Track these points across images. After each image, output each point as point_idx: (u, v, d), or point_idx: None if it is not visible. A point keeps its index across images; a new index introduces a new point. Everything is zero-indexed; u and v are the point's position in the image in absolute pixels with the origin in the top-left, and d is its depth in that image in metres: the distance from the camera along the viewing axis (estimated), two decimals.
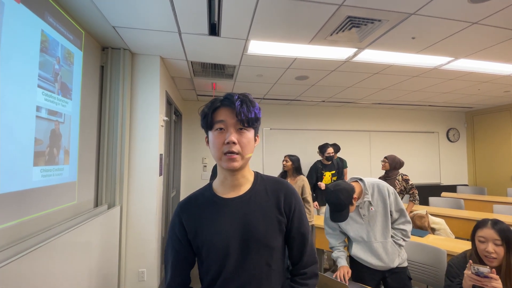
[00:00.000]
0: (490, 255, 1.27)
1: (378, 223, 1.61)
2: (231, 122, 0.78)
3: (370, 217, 1.62)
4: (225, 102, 0.80)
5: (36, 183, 1.46)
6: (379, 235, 1.61)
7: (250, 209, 0.83)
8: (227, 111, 0.79)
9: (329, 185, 1.61)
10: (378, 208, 1.62)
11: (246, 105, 0.79)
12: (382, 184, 1.65)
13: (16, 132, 1.31)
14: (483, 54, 2.56)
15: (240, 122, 0.78)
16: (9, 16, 1.26)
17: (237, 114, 0.78)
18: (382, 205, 1.62)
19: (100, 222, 1.94)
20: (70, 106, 1.81)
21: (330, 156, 3.62)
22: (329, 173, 3.61)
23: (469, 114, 5.82)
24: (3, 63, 1.22)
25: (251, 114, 0.79)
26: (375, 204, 1.62)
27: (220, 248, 0.80)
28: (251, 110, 0.80)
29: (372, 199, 1.61)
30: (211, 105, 0.82)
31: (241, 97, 0.80)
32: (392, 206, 1.62)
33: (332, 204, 1.53)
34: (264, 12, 1.83)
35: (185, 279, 0.87)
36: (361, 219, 1.63)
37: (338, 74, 3.17)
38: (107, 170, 2.29)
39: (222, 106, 0.80)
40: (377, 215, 1.62)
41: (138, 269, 2.44)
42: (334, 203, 1.51)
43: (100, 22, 1.94)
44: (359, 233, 1.64)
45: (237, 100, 0.78)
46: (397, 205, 1.64)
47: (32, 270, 1.20)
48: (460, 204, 3.69)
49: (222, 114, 0.79)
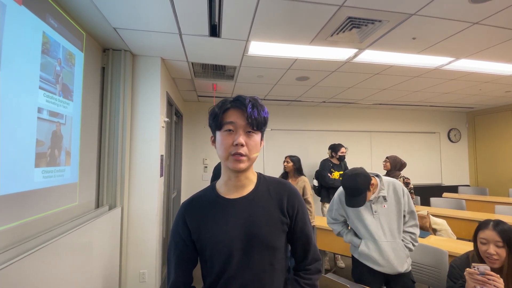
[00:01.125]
0: (491, 257, 1.26)
1: (389, 222, 1.59)
2: (241, 124, 0.79)
3: (382, 214, 1.60)
4: (236, 104, 0.81)
5: (37, 184, 1.46)
6: (389, 235, 1.59)
7: (253, 210, 0.83)
8: (238, 113, 0.80)
9: (346, 171, 1.62)
10: (391, 207, 1.60)
11: (257, 109, 0.80)
12: (398, 184, 1.65)
13: (18, 133, 1.31)
14: (484, 54, 2.55)
15: (249, 125, 0.79)
16: (11, 18, 1.27)
17: (248, 117, 0.79)
18: (395, 204, 1.60)
19: (101, 223, 1.94)
20: (71, 107, 1.81)
21: (343, 155, 3.65)
22: (338, 173, 3.62)
23: (471, 114, 5.81)
24: (5, 65, 1.23)
25: (261, 117, 0.81)
26: (389, 201, 1.60)
27: (224, 248, 0.80)
28: (261, 114, 0.81)
29: (387, 196, 1.60)
30: (221, 105, 0.82)
31: (252, 100, 0.81)
32: (405, 207, 1.61)
33: (349, 189, 1.52)
34: (265, 13, 1.83)
35: (188, 278, 0.88)
36: (372, 216, 1.61)
37: (338, 74, 3.17)
38: (108, 171, 2.29)
39: (232, 108, 0.81)
40: (389, 213, 1.60)
41: (139, 270, 2.44)
42: (352, 187, 1.51)
43: (101, 23, 1.95)
44: (369, 229, 1.61)
45: (248, 103, 0.79)
46: (409, 207, 1.63)
47: (34, 271, 1.20)
48: (461, 204, 3.68)
49: (233, 115, 0.80)
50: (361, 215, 1.63)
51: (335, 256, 3.44)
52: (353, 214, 1.67)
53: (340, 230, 1.78)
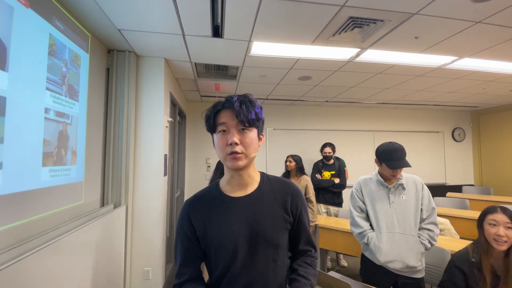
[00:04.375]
0: (500, 239, 1.30)
1: (405, 214, 1.59)
2: (232, 124, 0.80)
3: (399, 205, 1.60)
4: (226, 105, 0.82)
5: (44, 183, 1.49)
6: (403, 227, 1.57)
7: (257, 208, 0.85)
8: (228, 113, 0.81)
9: (383, 143, 1.67)
10: (410, 200, 1.61)
11: (246, 106, 0.81)
12: (418, 179, 1.67)
13: (26, 133, 1.35)
14: (487, 53, 2.54)
15: (241, 123, 0.80)
16: (18, 20, 1.30)
17: (236, 115, 0.80)
18: (414, 196, 1.61)
19: (106, 222, 1.98)
20: (77, 107, 1.85)
21: (327, 156, 3.62)
22: (329, 172, 3.60)
23: (475, 113, 5.76)
24: (13, 66, 1.26)
25: (251, 114, 0.81)
26: (407, 194, 1.61)
27: (229, 246, 0.82)
28: (251, 110, 0.81)
29: (405, 186, 1.62)
30: (213, 108, 0.84)
31: (241, 98, 0.82)
32: (424, 201, 1.61)
33: (395, 150, 1.58)
34: (267, 13, 1.84)
35: (197, 273, 0.89)
36: (388, 206, 1.62)
37: (341, 74, 3.18)
38: (113, 170, 2.33)
39: (223, 109, 0.82)
40: (407, 206, 1.60)
41: (143, 268, 2.47)
42: (396, 148, 1.58)
43: (106, 25, 1.98)
44: (385, 218, 1.61)
45: (236, 102, 0.80)
46: (429, 204, 1.62)
47: (40, 268, 1.23)
48: (465, 204, 3.66)
49: (224, 116, 0.82)
50: (378, 203, 1.64)
51: (337, 256, 3.45)
52: (370, 203, 1.67)
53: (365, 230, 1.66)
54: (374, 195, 1.67)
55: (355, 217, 1.71)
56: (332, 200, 3.50)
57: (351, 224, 1.74)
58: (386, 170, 1.62)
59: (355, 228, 1.70)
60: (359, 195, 1.73)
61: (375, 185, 1.68)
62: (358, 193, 1.74)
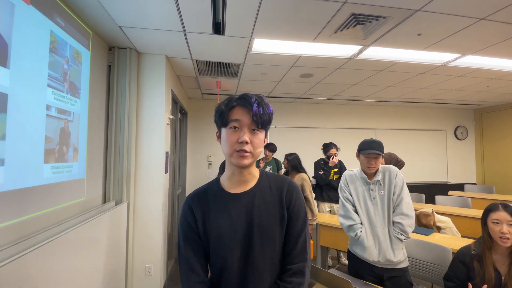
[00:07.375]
0: (505, 236, 1.34)
1: (384, 208, 1.63)
2: (246, 123, 0.81)
3: (379, 200, 1.65)
4: (241, 102, 0.82)
5: (46, 180, 1.50)
6: (384, 221, 1.62)
7: (255, 204, 0.86)
8: (243, 111, 0.82)
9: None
10: (386, 192, 1.64)
11: (263, 108, 0.82)
12: (394, 168, 1.69)
13: (28, 130, 1.35)
14: (491, 50, 2.51)
15: (255, 123, 0.81)
16: (20, 17, 1.30)
17: (253, 116, 0.80)
18: (387, 187, 1.64)
19: (108, 218, 1.99)
20: (79, 104, 1.85)
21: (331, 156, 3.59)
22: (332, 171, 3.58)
23: (478, 111, 5.72)
24: (15, 63, 1.26)
25: (266, 116, 0.82)
26: (384, 186, 1.65)
27: (227, 240, 0.83)
28: (266, 113, 0.83)
29: (383, 181, 1.65)
30: (227, 103, 0.84)
31: (258, 99, 0.83)
32: (396, 190, 1.61)
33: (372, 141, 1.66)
34: (268, 10, 1.83)
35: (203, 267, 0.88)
36: (370, 201, 1.66)
37: (343, 71, 3.16)
38: (115, 167, 2.33)
39: (238, 106, 0.82)
40: (384, 199, 1.64)
41: (145, 264, 2.49)
42: (374, 140, 1.66)
43: (107, 22, 1.98)
44: (367, 214, 1.65)
45: (254, 102, 0.81)
46: (400, 193, 1.61)
47: (42, 264, 1.24)
48: (467, 202, 3.64)
49: (238, 113, 0.82)
50: (361, 199, 1.68)
51: (338, 253, 3.45)
52: (356, 198, 1.70)
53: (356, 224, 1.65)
54: (359, 192, 1.71)
55: (348, 209, 1.70)
56: (336, 197, 3.48)
57: (341, 215, 1.73)
58: (363, 161, 1.67)
59: (346, 220, 1.69)
60: (347, 188, 1.76)
61: (360, 182, 1.73)
62: (345, 186, 1.77)
